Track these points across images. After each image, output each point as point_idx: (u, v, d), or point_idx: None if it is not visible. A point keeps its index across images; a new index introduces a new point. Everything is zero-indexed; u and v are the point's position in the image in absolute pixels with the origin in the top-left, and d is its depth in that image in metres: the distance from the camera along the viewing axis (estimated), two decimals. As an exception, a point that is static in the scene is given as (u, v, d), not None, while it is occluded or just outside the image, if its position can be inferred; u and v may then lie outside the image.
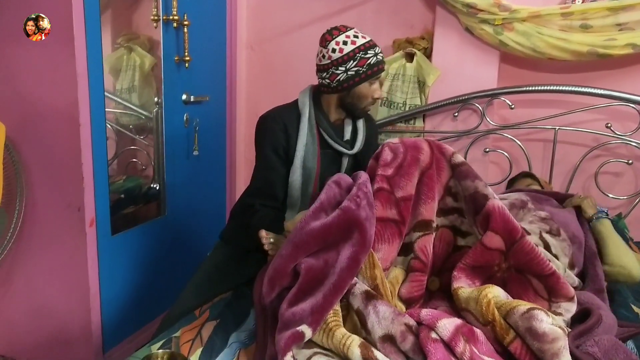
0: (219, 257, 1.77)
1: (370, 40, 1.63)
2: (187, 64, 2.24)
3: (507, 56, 2.30)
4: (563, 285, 1.25)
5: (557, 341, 1.03)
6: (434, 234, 1.36)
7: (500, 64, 2.31)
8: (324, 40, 1.63)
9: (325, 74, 1.63)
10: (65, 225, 1.86)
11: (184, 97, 2.31)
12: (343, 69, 1.60)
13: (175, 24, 2.16)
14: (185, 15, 2.17)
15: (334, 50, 1.60)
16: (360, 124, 1.75)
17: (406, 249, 1.35)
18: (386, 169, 1.37)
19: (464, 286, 1.24)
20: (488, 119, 2.30)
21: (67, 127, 1.77)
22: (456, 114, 2.34)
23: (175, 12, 2.12)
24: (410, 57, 2.41)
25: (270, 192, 1.66)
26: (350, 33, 1.62)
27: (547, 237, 1.51)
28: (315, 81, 1.71)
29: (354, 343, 1.07)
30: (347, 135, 1.74)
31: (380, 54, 1.64)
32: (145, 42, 2.16)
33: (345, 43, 1.60)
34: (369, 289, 1.19)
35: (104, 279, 1.96)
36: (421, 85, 2.39)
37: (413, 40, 2.42)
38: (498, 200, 1.29)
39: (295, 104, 1.71)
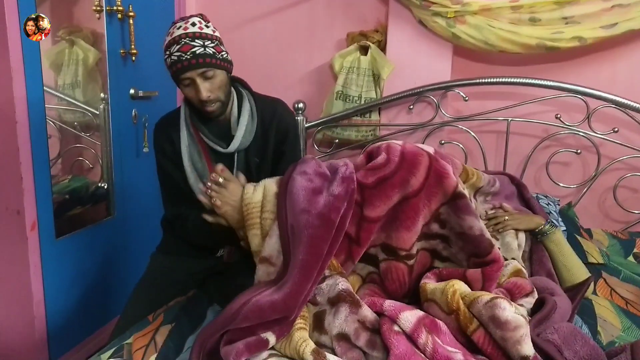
0: (160, 264, 1.68)
1: (177, 36, 1.41)
2: (133, 58, 2.14)
3: (459, 49, 2.32)
4: (521, 287, 1.26)
5: (520, 329, 1.04)
6: (406, 264, 1.26)
7: (453, 56, 2.33)
8: None
9: None
10: (4, 230, 1.74)
11: (131, 92, 2.20)
12: (165, 59, 1.47)
13: (119, 15, 2.06)
14: (130, 6, 2.08)
15: (164, 40, 1.46)
16: (244, 119, 1.54)
17: (370, 260, 1.30)
18: (368, 176, 1.25)
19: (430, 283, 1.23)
20: (443, 112, 2.31)
21: (2, 125, 1.65)
22: (411, 107, 2.35)
23: (119, 3, 2.02)
24: (364, 50, 2.40)
25: (183, 195, 1.57)
26: (178, 24, 1.44)
27: (491, 212, 1.60)
28: (267, 75, 1.65)
29: (307, 349, 1.04)
30: (235, 131, 1.54)
31: (177, 54, 1.40)
32: (89, 35, 2.04)
33: (167, 34, 1.45)
34: (342, 289, 1.14)
35: (49, 285, 1.84)
36: (376, 78, 2.39)
37: (367, 34, 2.41)
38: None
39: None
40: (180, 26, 1.43)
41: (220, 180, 1.34)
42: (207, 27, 1.47)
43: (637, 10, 2.03)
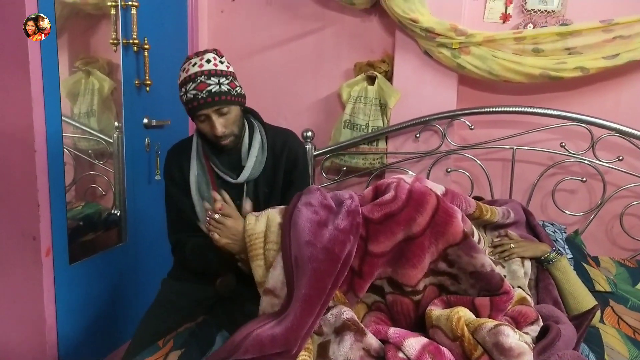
0: (170, 290, 1.70)
1: (192, 74, 1.46)
2: (147, 88, 2.21)
3: (465, 78, 2.37)
4: (526, 315, 1.27)
5: (523, 356, 1.05)
6: (411, 299, 1.26)
7: (458, 86, 2.38)
8: None
9: None
10: (20, 255, 1.78)
11: (145, 121, 2.27)
12: (181, 96, 1.51)
13: (135, 48, 2.13)
14: (146, 39, 2.15)
15: (180, 76, 1.51)
16: (255, 150, 1.58)
17: (376, 290, 1.31)
18: (374, 211, 1.25)
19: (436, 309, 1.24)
20: (449, 140, 2.35)
21: (21, 153, 1.70)
22: (418, 135, 2.39)
23: (135, 36, 2.09)
24: (371, 79, 2.45)
25: (187, 222, 1.61)
26: (193, 60, 1.48)
27: (497, 239, 1.61)
28: (277, 103, 1.69)
29: None
30: (245, 162, 1.58)
31: (193, 92, 1.44)
32: (105, 66, 2.12)
33: (182, 70, 1.50)
34: (347, 318, 1.15)
35: (61, 310, 1.87)
36: (383, 107, 2.43)
37: (374, 64, 2.47)
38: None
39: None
40: (195, 63, 1.47)
41: (216, 216, 1.37)
42: (222, 62, 1.51)
43: (638, 41, 2.07)
